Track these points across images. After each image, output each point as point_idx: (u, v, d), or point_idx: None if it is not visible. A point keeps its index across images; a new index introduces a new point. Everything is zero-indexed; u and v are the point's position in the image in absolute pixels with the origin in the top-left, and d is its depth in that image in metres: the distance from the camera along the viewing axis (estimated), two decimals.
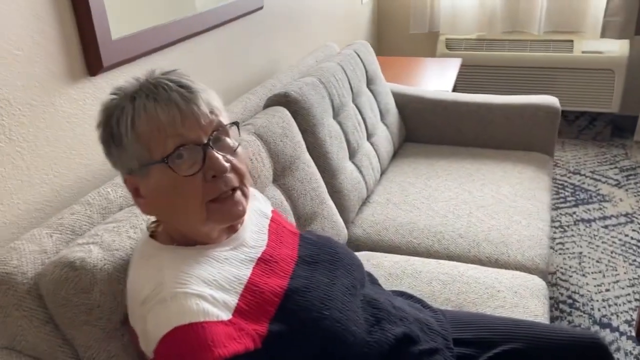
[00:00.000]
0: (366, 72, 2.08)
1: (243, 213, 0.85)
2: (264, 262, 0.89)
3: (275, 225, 1.00)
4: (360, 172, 1.79)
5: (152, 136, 0.78)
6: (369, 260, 1.52)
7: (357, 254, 1.53)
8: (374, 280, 1.07)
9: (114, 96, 0.82)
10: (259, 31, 1.92)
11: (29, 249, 0.91)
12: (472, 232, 1.62)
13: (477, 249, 1.56)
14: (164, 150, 0.78)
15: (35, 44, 1.03)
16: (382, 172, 2.03)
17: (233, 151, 0.85)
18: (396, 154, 2.21)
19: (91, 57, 1.16)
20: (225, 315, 0.77)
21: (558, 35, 3.12)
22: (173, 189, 0.80)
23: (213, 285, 0.79)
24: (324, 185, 1.55)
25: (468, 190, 1.85)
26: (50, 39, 1.06)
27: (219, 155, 0.81)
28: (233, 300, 0.80)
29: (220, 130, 0.83)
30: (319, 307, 0.84)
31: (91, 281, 0.86)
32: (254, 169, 1.27)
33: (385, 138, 2.06)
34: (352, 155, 1.79)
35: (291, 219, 1.36)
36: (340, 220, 1.57)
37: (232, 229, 0.90)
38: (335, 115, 1.75)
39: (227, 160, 0.83)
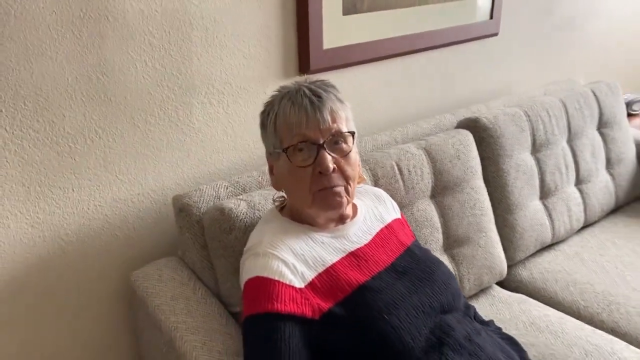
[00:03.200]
0: (600, 114, 1.90)
1: (340, 205, 0.99)
2: (354, 256, 1.01)
3: (387, 231, 1.10)
4: (549, 215, 1.68)
5: (284, 131, 0.98)
6: (518, 304, 1.45)
7: (510, 295, 1.49)
8: (468, 313, 1.07)
9: (275, 93, 1.04)
10: (487, 56, 1.96)
11: (208, 192, 1.22)
12: None
13: None
14: (290, 143, 0.98)
15: (260, 45, 1.35)
16: (588, 224, 1.84)
17: (344, 155, 0.99)
18: (618, 210, 1.96)
19: (303, 61, 1.43)
20: (298, 284, 0.93)
21: None
22: (290, 174, 0.99)
23: (299, 258, 0.96)
24: (492, 216, 1.54)
25: None
26: (273, 42, 1.37)
27: (328, 157, 0.96)
28: (310, 275, 0.95)
29: (337, 136, 0.98)
30: (381, 309, 0.93)
31: (231, 226, 1.13)
32: (410, 180, 1.37)
33: (603, 189, 1.86)
34: (544, 195, 1.70)
35: (437, 235, 1.41)
36: (501, 255, 1.53)
37: (341, 221, 1.05)
38: (535, 151, 1.69)
39: (336, 162, 0.97)
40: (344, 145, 0.99)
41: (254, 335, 0.91)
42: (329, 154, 0.96)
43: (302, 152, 0.97)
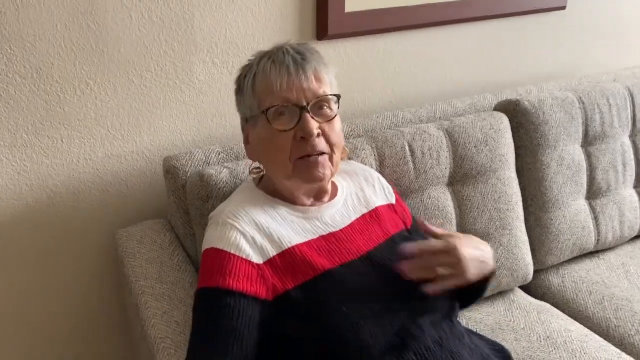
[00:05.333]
0: None
1: (322, 178, 0.90)
2: (325, 240, 0.91)
3: (371, 217, 0.99)
4: (595, 218, 1.48)
5: (264, 92, 0.90)
6: (539, 314, 1.29)
7: (532, 302, 1.34)
8: (450, 315, 0.94)
9: (251, 58, 0.96)
10: (551, 33, 1.73)
11: (198, 157, 1.17)
12: None
13: None
14: (270, 105, 0.89)
15: (273, 4, 1.25)
16: None
17: (328, 120, 0.90)
18: None
19: (321, 25, 1.32)
20: (257, 259, 0.86)
21: None
22: (268, 140, 0.90)
23: (262, 231, 0.88)
24: (522, 213, 1.37)
25: None
26: (288, 2, 1.27)
27: (312, 120, 0.88)
28: (272, 251, 0.87)
29: (321, 99, 0.89)
30: (341, 300, 0.83)
31: (208, 194, 1.06)
32: (422, 164, 1.24)
33: None
34: (592, 195, 1.49)
35: (450, 228, 1.27)
36: (527, 257, 1.36)
37: (318, 198, 0.96)
38: (586, 144, 1.48)
39: (320, 128, 0.89)
40: (328, 110, 0.91)
41: (202, 310, 0.85)
42: (312, 117, 0.88)
43: (283, 117, 0.89)
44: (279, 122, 0.89)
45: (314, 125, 0.87)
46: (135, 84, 1.16)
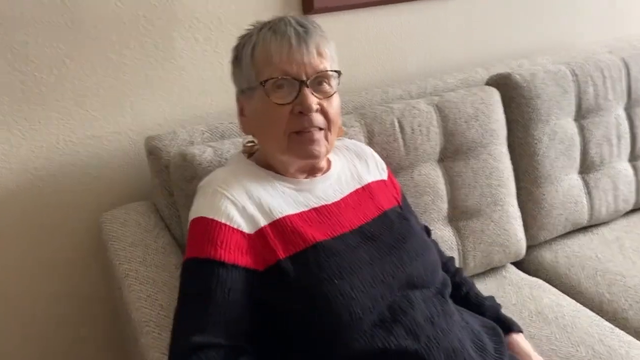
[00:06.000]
0: None
1: (317, 155, 0.88)
2: (316, 212, 0.89)
3: (363, 192, 0.97)
4: (588, 192, 1.46)
5: (263, 63, 0.87)
6: (530, 289, 1.28)
7: (524, 278, 1.32)
8: (442, 291, 0.93)
9: (249, 27, 0.93)
10: (545, 2, 1.69)
11: (182, 137, 1.14)
12: None
13: None
14: (269, 76, 0.86)
15: None
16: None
17: (328, 96, 0.88)
18: None
19: None
20: (247, 229, 0.83)
21: None
22: (265, 113, 0.88)
23: (253, 201, 0.86)
24: (513, 188, 1.35)
25: None
26: None
27: (311, 96, 0.85)
28: (262, 221, 0.84)
29: (321, 74, 0.87)
30: (332, 273, 0.81)
31: (192, 174, 1.04)
32: (412, 140, 1.21)
33: None
34: (585, 169, 1.47)
35: (441, 205, 1.25)
36: (519, 232, 1.35)
37: (312, 173, 0.94)
38: (580, 117, 1.45)
39: (319, 104, 0.86)
40: (327, 87, 0.88)
41: (191, 280, 0.82)
42: (312, 93, 0.86)
43: (281, 89, 0.86)
44: (277, 95, 0.86)
45: (313, 100, 0.85)
46: (114, 61, 1.12)
